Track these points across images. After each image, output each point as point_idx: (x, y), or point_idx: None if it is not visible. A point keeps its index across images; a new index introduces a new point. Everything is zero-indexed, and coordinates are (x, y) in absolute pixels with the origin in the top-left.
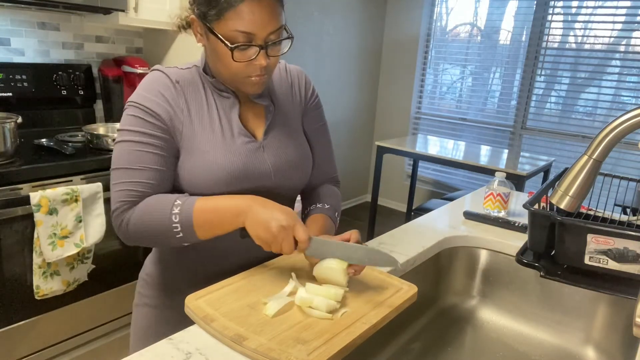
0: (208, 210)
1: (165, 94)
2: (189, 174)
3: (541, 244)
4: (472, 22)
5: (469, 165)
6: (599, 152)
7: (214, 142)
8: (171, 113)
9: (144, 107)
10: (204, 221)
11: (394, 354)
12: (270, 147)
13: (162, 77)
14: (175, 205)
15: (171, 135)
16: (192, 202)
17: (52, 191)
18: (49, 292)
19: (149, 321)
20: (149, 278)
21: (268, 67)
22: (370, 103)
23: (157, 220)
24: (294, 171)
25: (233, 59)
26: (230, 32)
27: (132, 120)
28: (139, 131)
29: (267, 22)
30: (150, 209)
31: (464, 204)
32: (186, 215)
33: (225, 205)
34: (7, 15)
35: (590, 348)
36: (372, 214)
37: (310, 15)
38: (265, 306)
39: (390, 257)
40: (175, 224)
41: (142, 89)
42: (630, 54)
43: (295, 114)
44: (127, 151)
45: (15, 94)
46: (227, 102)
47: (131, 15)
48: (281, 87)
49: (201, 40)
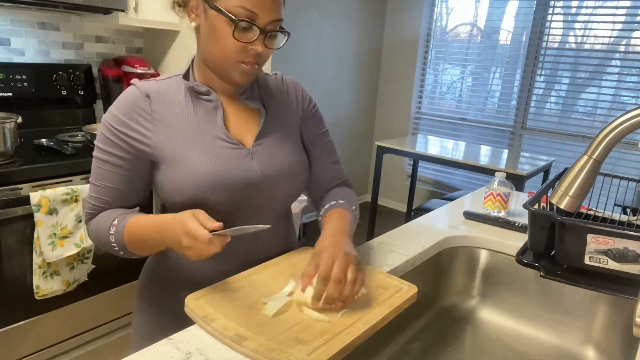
0: (133, 232)
1: (132, 110)
2: (171, 182)
3: (541, 244)
4: (472, 22)
5: (469, 165)
6: (599, 152)
7: (192, 147)
8: (137, 129)
9: (110, 126)
10: (132, 241)
11: (394, 354)
12: (261, 154)
13: (134, 93)
14: (112, 225)
15: (138, 151)
16: (124, 222)
17: (52, 191)
18: (49, 292)
19: (151, 324)
20: (149, 280)
21: (261, 56)
22: (370, 103)
23: (101, 237)
24: (287, 180)
25: (233, 36)
26: (235, 8)
27: (101, 138)
28: (103, 149)
29: (271, 7)
30: (97, 225)
31: (464, 204)
32: (119, 235)
33: (146, 228)
34: (7, 15)
35: (590, 348)
36: (372, 214)
37: (310, 16)
38: (264, 306)
39: (258, 226)
40: (113, 243)
41: (114, 107)
42: (630, 54)
43: (291, 123)
44: (94, 167)
45: (15, 94)
46: (209, 106)
47: (131, 15)
48: (276, 95)
49: (195, 20)
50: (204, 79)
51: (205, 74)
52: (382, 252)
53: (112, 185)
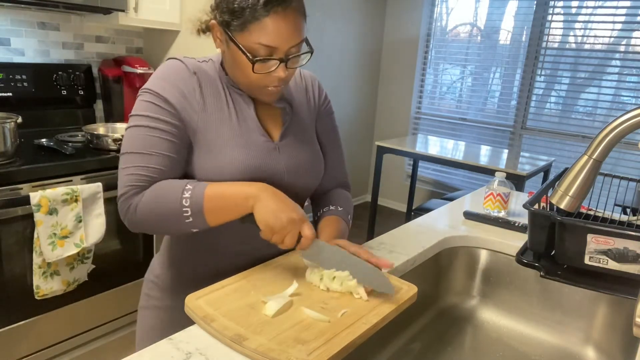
0: (218, 196)
1: (181, 84)
2: (203, 168)
3: (541, 244)
4: (472, 22)
5: (469, 165)
6: (599, 152)
7: (230, 137)
8: (185, 104)
9: (158, 95)
10: (214, 206)
11: (394, 354)
12: (286, 149)
13: (180, 67)
14: (185, 190)
15: (185, 125)
16: (203, 187)
17: (52, 191)
18: (49, 292)
19: (156, 323)
20: (157, 280)
21: (286, 78)
22: (370, 103)
23: (166, 205)
24: (306, 174)
25: (253, 71)
26: (253, 45)
27: (146, 106)
28: (152, 117)
29: (290, 36)
30: (160, 192)
31: (464, 204)
32: (196, 199)
33: (235, 190)
34: (7, 15)
35: (590, 348)
36: (372, 214)
37: (311, 16)
38: (265, 306)
39: (389, 283)
40: (186, 209)
41: (158, 77)
42: (630, 54)
43: (310, 119)
44: (139, 136)
45: (15, 94)
46: (244, 98)
47: (131, 15)
48: (297, 92)
49: (220, 46)
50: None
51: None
52: (382, 252)
53: (166, 152)
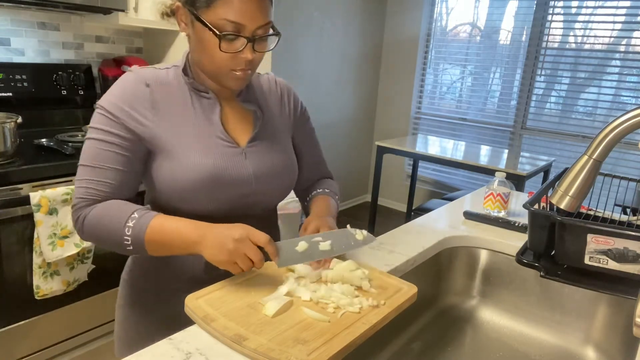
0: (161, 232)
1: (131, 97)
2: (165, 177)
3: (541, 244)
4: (472, 22)
5: (469, 165)
6: (599, 152)
7: (191, 143)
8: (137, 116)
9: (107, 110)
10: (155, 241)
11: (394, 354)
12: (254, 154)
13: (131, 80)
14: (131, 218)
15: (138, 137)
16: (149, 218)
17: (52, 191)
18: (49, 292)
19: (135, 323)
20: (132, 280)
21: (253, 61)
22: (370, 103)
23: (111, 226)
24: (277, 180)
25: (220, 49)
26: (219, 21)
27: (99, 119)
28: (103, 130)
29: (256, 14)
30: (107, 212)
31: (464, 204)
32: (139, 230)
33: (177, 233)
34: (7, 15)
35: (590, 348)
36: (372, 214)
37: (311, 16)
38: (264, 306)
39: (368, 235)
40: (127, 237)
41: (110, 92)
42: (630, 54)
43: (284, 125)
44: (91, 149)
45: (15, 94)
46: (207, 103)
47: (131, 15)
48: (271, 97)
49: (185, 30)
50: (200, 79)
51: (200, 75)
52: (382, 252)
53: (115, 166)
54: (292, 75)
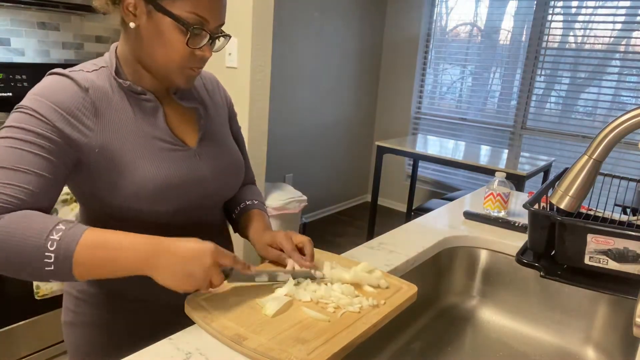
0: (99, 246)
1: (68, 102)
2: (117, 192)
3: (541, 244)
4: (472, 22)
5: (469, 165)
6: (599, 152)
7: (140, 152)
8: (75, 123)
9: (35, 111)
10: (88, 259)
11: (394, 354)
12: (206, 154)
13: (69, 85)
14: (55, 230)
15: (70, 145)
16: (80, 230)
17: None
18: (49, 292)
19: (90, 339)
20: (83, 295)
21: (206, 60)
22: (370, 103)
23: (26, 241)
24: (232, 176)
25: (187, 44)
26: (187, 14)
27: (23, 118)
28: (26, 128)
29: (221, 11)
30: (23, 223)
31: (464, 204)
32: (67, 245)
33: (122, 245)
34: (7, 15)
35: (590, 348)
36: (372, 214)
37: (311, 16)
38: (264, 306)
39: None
40: (49, 253)
41: (37, 94)
42: (630, 54)
43: (222, 119)
44: (9, 150)
45: (15, 94)
46: (148, 106)
47: None
48: (204, 91)
49: (134, 21)
50: (134, 78)
51: (136, 73)
52: (382, 252)
53: (38, 171)
54: (292, 75)
